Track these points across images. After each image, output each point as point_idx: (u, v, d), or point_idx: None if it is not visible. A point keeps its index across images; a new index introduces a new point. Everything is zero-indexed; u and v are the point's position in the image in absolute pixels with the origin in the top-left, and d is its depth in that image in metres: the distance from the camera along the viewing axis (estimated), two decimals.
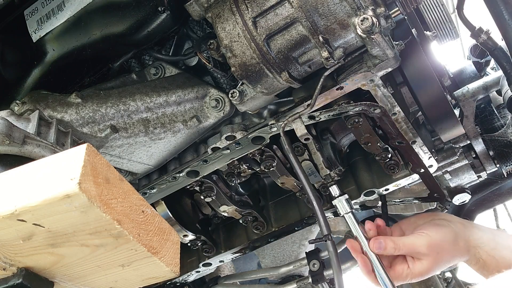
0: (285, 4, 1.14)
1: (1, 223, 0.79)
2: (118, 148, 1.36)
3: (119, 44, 1.36)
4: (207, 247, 1.88)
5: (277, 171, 1.60)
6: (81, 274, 0.95)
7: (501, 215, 2.34)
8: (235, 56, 1.19)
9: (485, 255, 1.44)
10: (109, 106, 1.32)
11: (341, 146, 1.67)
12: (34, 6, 1.42)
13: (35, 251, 0.86)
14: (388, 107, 1.37)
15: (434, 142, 1.65)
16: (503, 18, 1.25)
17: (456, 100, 1.64)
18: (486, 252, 1.44)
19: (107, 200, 0.80)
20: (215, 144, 1.44)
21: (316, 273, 1.80)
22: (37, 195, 0.76)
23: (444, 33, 1.59)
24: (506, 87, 1.51)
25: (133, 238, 0.84)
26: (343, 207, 1.49)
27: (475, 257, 1.45)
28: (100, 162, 0.81)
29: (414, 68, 1.37)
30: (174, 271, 0.95)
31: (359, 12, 1.11)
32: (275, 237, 1.87)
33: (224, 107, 1.41)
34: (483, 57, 1.86)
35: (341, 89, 1.32)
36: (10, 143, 1.03)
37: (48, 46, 1.39)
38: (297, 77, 1.25)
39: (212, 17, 1.21)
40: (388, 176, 1.64)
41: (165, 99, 1.38)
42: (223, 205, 1.72)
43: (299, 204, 1.81)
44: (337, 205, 1.50)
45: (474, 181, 1.77)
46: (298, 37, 1.16)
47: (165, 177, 1.53)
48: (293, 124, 1.40)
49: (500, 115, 1.69)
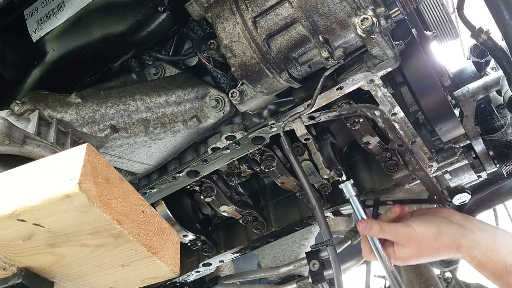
0: (285, 4, 1.14)
1: (1, 223, 0.79)
2: (118, 148, 1.36)
3: (119, 44, 1.36)
4: (207, 247, 1.88)
5: (277, 171, 1.60)
6: (81, 274, 0.95)
7: (501, 215, 2.35)
8: (235, 56, 1.19)
9: (480, 255, 1.47)
10: (109, 106, 1.32)
11: (341, 146, 1.68)
12: (34, 6, 1.42)
13: (35, 251, 0.86)
14: (388, 107, 1.37)
15: (434, 142, 1.65)
16: (503, 17, 1.25)
17: (456, 100, 1.64)
18: (482, 252, 1.47)
19: (107, 200, 0.80)
20: (215, 144, 1.44)
21: (316, 273, 1.80)
22: (37, 195, 0.76)
23: (444, 33, 1.58)
24: (506, 87, 1.51)
25: (133, 238, 0.84)
26: (348, 190, 1.60)
27: (469, 256, 1.50)
28: (100, 162, 0.81)
29: (414, 68, 1.37)
30: (174, 271, 0.95)
31: (359, 12, 1.11)
32: (275, 237, 1.87)
33: (224, 107, 1.41)
34: (483, 57, 1.85)
35: (341, 89, 1.32)
36: (10, 143, 1.03)
37: (48, 46, 1.39)
38: (297, 77, 1.25)
39: (212, 17, 1.21)
40: (388, 176, 1.64)
41: (165, 99, 1.38)
42: (223, 205, 1.72)
43: (299, 204, 1.82)
44: (343, 189, 1.61)
45: (474, 181, 1.77)
46: (298, 37, 1.16)
47: (165, 177, 1.53)
48: (293, 124, 1.40)
49: (500, 115, 1.69)
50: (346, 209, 1.78)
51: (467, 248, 1.49)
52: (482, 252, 1.47)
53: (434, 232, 1.51)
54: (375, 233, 1.55)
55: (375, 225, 1.54)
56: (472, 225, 1.54)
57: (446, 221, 1.55)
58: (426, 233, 1.51)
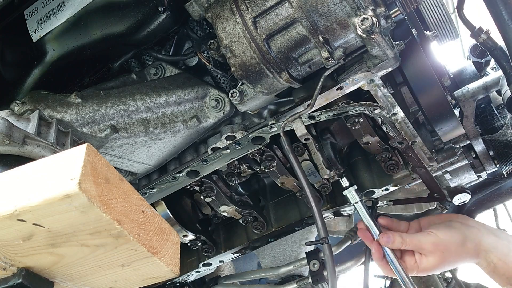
0: (285, 4, 1.14)
1: (1, 223, 0.79)
2: (118, 148, 1.36)
3: (119, 44, 1.36)
4: (207, 247, 1.88)
5: (277, 171, 1.60)
6: (81, 274, 0.95)
7: (501, 215, 2.34)
8: (235, 56, 1.19)
9: (496, 259, 1.47)
10: (109, 106, 1.32)
11: (341, 146, 1.68)
12: (34, 6, 1.42)
13: (35, 251, 0.86)
14: (388, 107, 1.37)
15: (434, 142, 1.65)
16: (502, 18, 1.25)
17: (456, 100, 1.64)
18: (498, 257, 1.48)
19: (107, 200, 0.80)
20: (215, 144, 1.44)
21: (316, 273, 1.80)
22: (37, 195, 0.76)
23: (444, 33, 1.58)
24: (505, 87, 1.51)
25: (133, 238, 0.84)
26: (353, 196, 1.59)
27: (486, 261, 1.49)
28: (100, 162, 0.81)
29: (414, 68, 1.37)
30: (174, 271, 0.95)
31: (359, 12, 1.11)
32: (275, 237, 1.87)
33: (224, 107, 1.41)
34: (483, 57, 1.85)
35: (341, 89, 1.32)
36: (10, 143, 1.03)
37: (48, 46, 1.39)
38: (297, 77, 1.25)
39: (212, 17, 1.21)
40: (388, 176, 1.64)
41: (165, 99, 1.38)
42: (223, 205, 1.72)
43: (299, 204, 1.82)
44: (347, 195, 1.59)
45: (474, 181, 1.77)
46: (298, 37, 1.16)
47: (165, 177, 1.53)
48: (293, 124, 1.40)
49: (500, 115, 1.69)
50: (347, 210, 1.78)
51: (485, 253, 1.49)
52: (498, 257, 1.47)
53: (459, 238, 1.49)
54: (397, 246, 1.51)
55: (397, 237, 1.51)
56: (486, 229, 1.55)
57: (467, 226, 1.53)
58: (451, 239, 1.48)
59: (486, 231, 1.53)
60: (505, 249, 1.49)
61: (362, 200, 1.59)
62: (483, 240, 1.50)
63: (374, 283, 2.72)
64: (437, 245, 1.48)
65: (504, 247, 1.49)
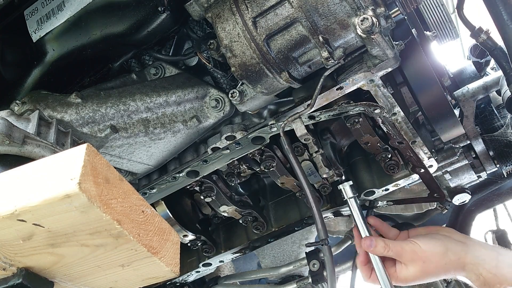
0: (285, 4, 1.14)
1: (1, 223, 0.79)
2: (118, 148, 1.36)
3: (119, 44, 1.36)
4: (207, 247, 1.88)
5: (277, 171, 1.60)
6: (81, 274, 0.95)
7: (501, 215, 2.34)
8: (235, 56, 1.19)
9: (485, 272, 1.45)
10: (109, 106, 1.32)
11: (341, 146, 1.68)
12: (34, 6, 1.42)
13: (35, 251, 0.86)
14: (388, 107, 1.37)
15: (434, 142, 1.65)
16: (502, 18, 1.25)
17: (456, 100, 1.64)
18: (487, 269, 1.46)
19: (107, 200, 0.80)
20: (215, 144, 1.44)
21: (316, 273, 1.80)
22: (37, 195, 0.76)
23: (444, 33, 1.59)
24: (505, 87, 1.51)
25: (133, 238, 0.84)
26: (347, 192, 1.57)
27: (475, 274, 1.47)
28: (100, 162, 0.81)
29: (414, 68, 1.37)
30: (174, 271, 0.95)
31: (359, 12, 1.11)
32: (275, 237, 1.87)
33: (224, 107, 1.41)
34: (483, 57, 1.86)
35: (341, 89, 1.32)
36: (10, 143, 1.03)
37: (48, 46, 1.39)
38: (297, 77, 1.25)
39: (212, 17, 1.21)
40: (388, 176, 1.64)
41: (165, 99, 1.38)
42: (223, 205, 1.72)
43: (299, 204, 1.81)
44: (342, 189, 1.57)
45: (474, 181, 1.77)
46: (298, 37, 1.16)
47: (165, 177, 1.53)
48: (293, 124, 1.40)
49: (500, 115, 1.69)
50: (347, 210, 1.78)
51: (472, 266, 1.46)
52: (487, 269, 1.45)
53: (440, 249, 1.47)
54: (379, 251, 1.49)
55: (380, 242, 1.49)
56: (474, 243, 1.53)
57: (450, 239, 1.51)
58: (433, 250, 1.47)
59: (473, 244, 1.51)
60: (494, 261, 1.46)
61: (356, 196, 1.57)
62: (469, 253, 1.48)
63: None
64: (417, 254, 1.46)
65: (493, 259, 1.47)
